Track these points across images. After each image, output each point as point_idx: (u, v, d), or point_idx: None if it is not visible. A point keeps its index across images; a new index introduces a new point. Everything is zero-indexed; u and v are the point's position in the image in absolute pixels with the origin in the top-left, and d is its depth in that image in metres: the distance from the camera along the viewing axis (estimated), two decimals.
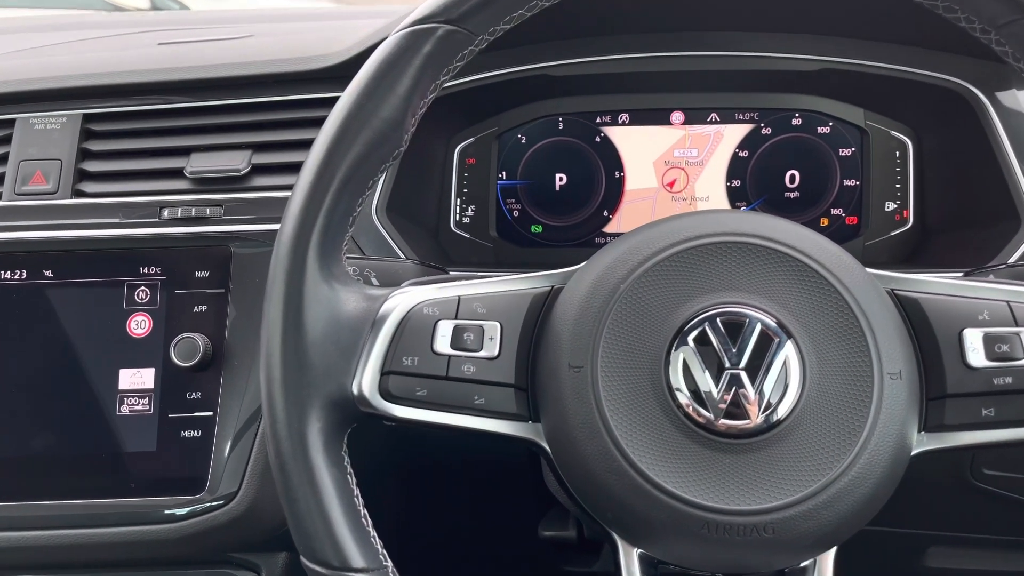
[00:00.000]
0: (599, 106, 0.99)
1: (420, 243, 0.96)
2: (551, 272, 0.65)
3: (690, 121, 1.00)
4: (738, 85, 0.97)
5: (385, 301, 0.62)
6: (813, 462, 0.56)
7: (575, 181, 1.01)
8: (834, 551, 0.60)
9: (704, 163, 1.00)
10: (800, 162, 0.99)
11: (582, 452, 0.58)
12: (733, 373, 0.57)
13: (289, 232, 0.60)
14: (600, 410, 0.58)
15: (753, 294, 0.59)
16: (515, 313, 0.63)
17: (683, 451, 0.57)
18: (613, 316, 0.59)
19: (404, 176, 0.93)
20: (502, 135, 1.01)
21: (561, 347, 0.60)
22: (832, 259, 0.59)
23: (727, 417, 0.56)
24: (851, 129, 0.98)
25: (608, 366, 0.58)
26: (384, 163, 0.62)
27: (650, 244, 0.61)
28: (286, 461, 0.59)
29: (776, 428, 0.56)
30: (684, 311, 0.59)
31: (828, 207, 0.99)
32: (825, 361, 0.57)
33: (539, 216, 1.02)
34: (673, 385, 0.57)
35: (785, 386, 0.57)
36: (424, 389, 0.61)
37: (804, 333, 0.58)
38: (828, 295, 0.58)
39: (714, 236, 0.60)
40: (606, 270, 0.61)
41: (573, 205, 1.02)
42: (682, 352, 0.58)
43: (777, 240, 0.60)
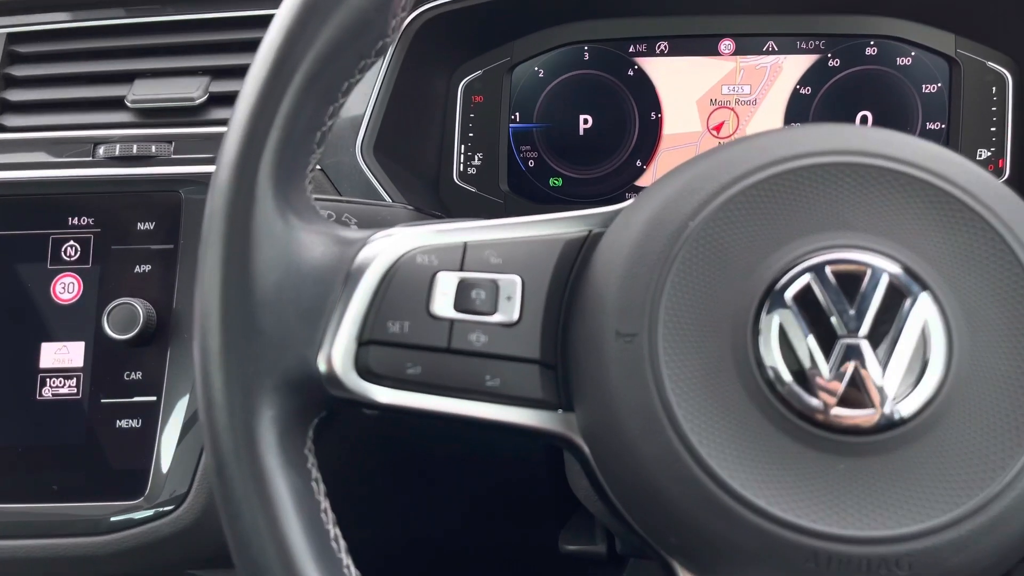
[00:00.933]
0: (632, 32, 0.83)
1: (416, 195, 0.79)
2: (588, 212, 0.49)
3: (742, 51, 0.83)
4: (801, 5, 0.81)
5: (364, 246, 0.46)
6: (965, 470, 0.40)
7: (603, 123, 0.85)
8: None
9: (758, 102, 0.83)
10: (874, 101, 0.82)
11: (636, 453, 0.42)
12: (851, 343, 0.41)
13: (233, 147, 0.44)
14: (662, 394, 0.42)
15: (876, 235, 0.42)
16: (541, 264, 0.47)
17: (779, 452, 0.41)
18: (679, 265, 0.43)
19: (396, 114, 0.77)
20: (515, 67, 0.85)
21: (605, 309, 0.44)
22: (984, 187, 0.43)
23: (842, 405, 0.41)
24: (938, 60, 0.81)
25: (673, 334, 0.42)
26: (364, 58, 0.46)
27: (729, 168, 0.44)
28: (226, 463, 0.42)
29: (912, 421, 0.41)
30: (779, 258, 0.42)
31: None
32: (979, 327, 0.41)
33: (559, 166, 0.86)
34: (765, 361, 0.41)
35: (924, 362, 0.41)
36: (417, 365, 0.45)
37: (948, 288, 0.42)
38: (980, 236, 0.42)
39: (819, 155, 0.44)
40: (667, 204, 0.45)
41: (600, 153, 0.85)
42: (777, 315, 0.42)
43: (907, 160, 0.43)
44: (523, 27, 0.83)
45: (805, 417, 0.41)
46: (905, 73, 0.82)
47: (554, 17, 0.82)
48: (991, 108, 0.81)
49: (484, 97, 0.85)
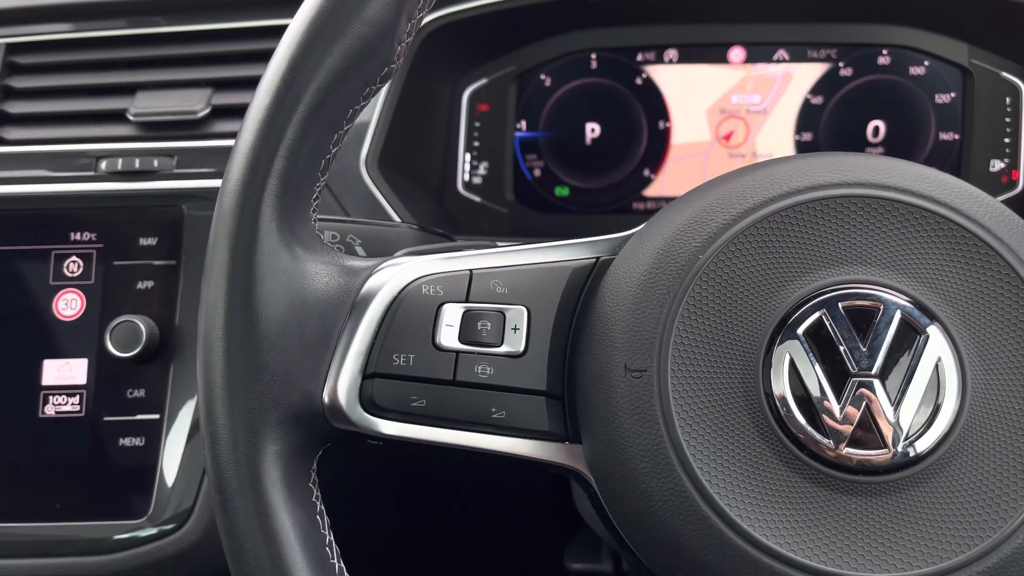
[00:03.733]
0: (641, 40, 0.82)
1: (420, 206, 0.79)
2: (596, 239, 0.48)
3: (752, 59, 0.82)
4: (812, 14, 0.80)
5: (370, 276, 0.46)
6: (980, 509, 0.39)
7: (610, 132, 0.84)
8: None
9: (768, 111, 0.82)
10: (887, 111, 0.81)
11: (644, 490, 0.42)
12: (862, 380, 0.40)
13: (236, 178, 0.43)
14: (670, 431, 0.41)
15: (888, 269, 0.42)
16: (548, 294, 0.46)
17: (789, 491, 0.40)
18: (690, 299, 0.42)
19: (401, 124, 0.76)
20: (521, 75, 0.84)
21: (614, 342, 0.43)
22: (999, 220, 0.42)
23: (854, 444, 0.40)
24: (951, 70, 0.80)
25: (682, 369, 0.42)
26: (369, 85, 0.45)
27: (741, 199, 0.43)
28: (230, 498, 0.42)
29: (925, 461, 0.40)
30: (790, 292, 0.42)
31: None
32: (993, 364, 0.40)
33: (565, 176, 0.85)
34: (775, 398, 0.41)
35: (937, 399, 0.40)
36: (422, 398, 0.44)
37: (962, 324, 0.41)
38: (994, 270, 0.41)
39: (831, 188, 0.43)
40: (678, 234, 0.44)
41: (607, 162, 0.84)
42: (788, 350, 0.41)
43: (920, 193, 0.42)
44: (529, 35, 0.82)
45: (815, 456, 0.40)
46: (918, 83, 0.81)
47: (561, 25, 0.81)
48: (1005, 119, 0.80)
49: (490, 106, 0.84)
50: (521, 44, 0.82)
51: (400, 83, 0.73)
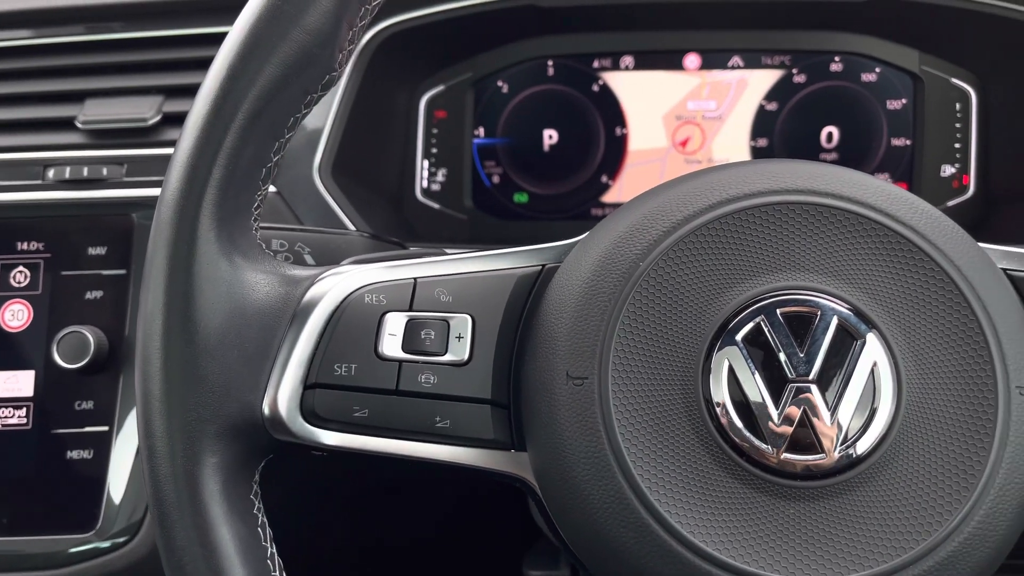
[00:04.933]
0: (597, 46, 0.82)
1: (377, 214, 0.78)
2: (542, 247, 0.48)
3: (707, 66, 0.82)
4: (766, 21, 0.80)
5: (312, 286, 0.45)
6: (916, 512, 0.40)
7: (568, 139, 0.84)
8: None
9: (724, 118, 0.83)
10: (840, 117, 0.82)
11: (585, 498, 0.42)
12: (800, 386, 0.40)
13: (174, 187, 0.42)
14: (611, 439, 0.41)
15: (827, 276, 0.42)
16: (492, 302, 0.46)
17: (729, 498, 0.40)
18: (630, 307, 0.42)
19: (356, 131, 0.75)
20: (479, 82, 0.83)
21: (556, 350, 0.43)
22: (935, 226, 0.43)
23: (792, 450, 0.40)
24: (902, 76, 0.81)
25: (623, 377, 0.42)
26: (310, 93, 0.45)
27: (680, 206, 0.44)
28: (167, 512, 0.42)
29: (862, 464, 0.40)
30: (730, 299, 0.42)
31: (872, 171, 0.83)
32: (929, 370, 0.41)
33: (524, 182, 0.85)
34: (714, 405, 0.41)
35: (874, 404, 0.40)
36: (365, 408, 0.44)
37: (898, 330, 0.41)
38: (931, 277, 0.42)
39: (771, 195, 0.43)
40: (619, 242, 0.44)
41: (565, 169, 0.84)
42: (727, 356, 0.41)
43: (859, 200, 0.43)
44: (486, 42, 0.82)
45: (754, 461, 0.40)
46: (870, 89, 0.82)
47: (517, 32, 0.81)
48: (955, 124, 0.81)
49: (447, 112, 0.84)
50: (478, 51, 0.82)
51: (354, 90, 0.73)
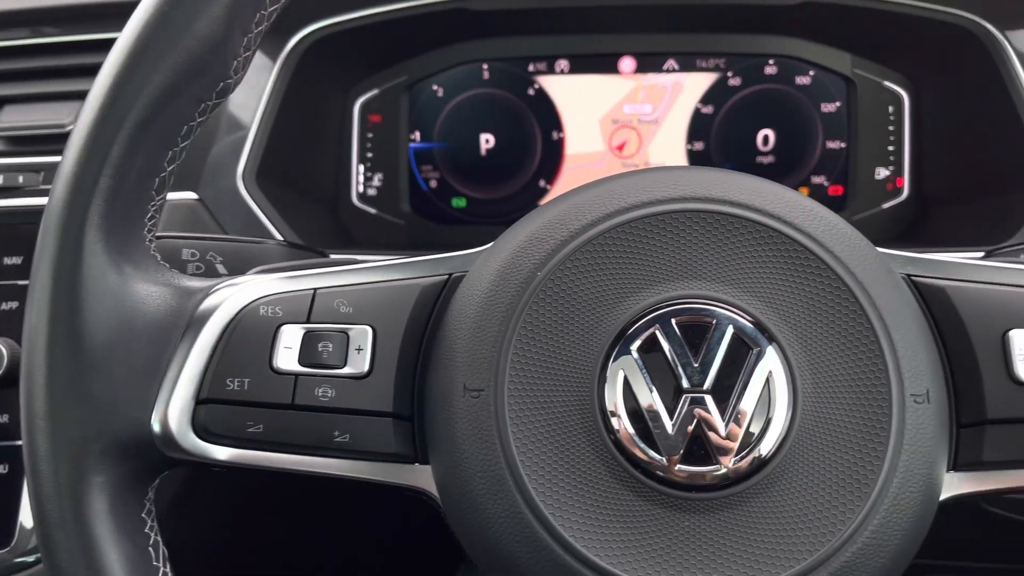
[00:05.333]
0: (531, 50, 0.81)
1: (310, 220, 0.77)
2: (448, 255, 0.47)
3: (643, 69, 0.82)
4: (700, 24, 0.80)
5: (206, 297, 0.44)
6: (810, 523, 0.40)
7: (505, 143, 0.83)
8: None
9: (660, 121, 0.83)
10: (775, 120, 0.82)
11: (481, 511, 0.41)
12: (695, 397, 0.40)
13: (59, 198, 0.41)
14: (507, 452, 0.40)
15: (724, 284, 0.42)
16: (395, 313, 0.45)
17: (624, 510, 0.40)
18: (526, 318, 0.42)
19: (285, 136, 0.74)
20: (413, 86, 0.83)
21: (455, 362, 0.42)
22: (833, 234, 0.42)
23: (687, 461, 0.40)
24: (836, 79, 0.81)
25: (519, 389, 0.41)
26: (204, 101, 0.44)
27: (578, 215, 0.43)
28: (51, 533, 0.40)
29: (756, 475, 0.40)
30: (627, 308, 0.41)
31: (808, 174, 0.83)
32: (824, 378, 0.41)
33: (461, 187, 0.84)
34: (609, 416, 0.40)
35: (768, 414, 0.40)
36: (259, 423, 0.43)
37: (795, 339, 0.41)
38: (827, 285, 0.41)
39: (668, 203, 0.43)
40: (517, 252, 0.43)
41: (503, 173, 0.84)
42: (622, 366, 0.40)
43: (756, 208, 0.42)
44: (419, 45, 0.81)
45: (649, 473, 0.40)
46: (805, 92, 0.82)
47: (450, 35, 0.80)
48: (888, 127, 0.81)
49: (382, 116, 0.83)
50: (411, 54, 0.81)
51: (280, 94, 0.72)
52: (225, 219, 0.68)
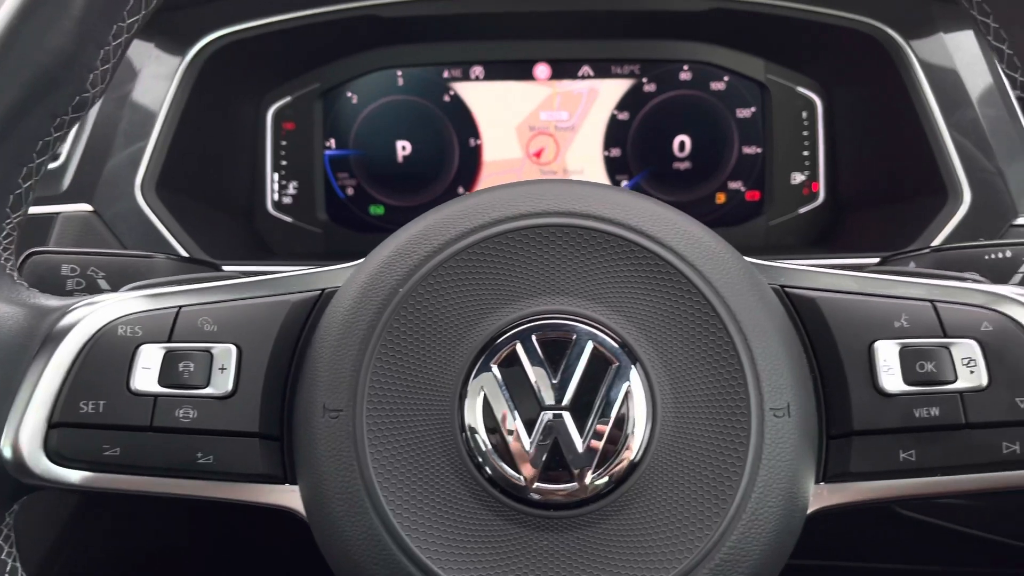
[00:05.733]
0: (446, 57, 0.81)
1: (223, 231, 0.76)
2: (321, 270, 0.46)
3: (558, 75, 0.82)
4: (614, 30, 0.80)
5: (62, 317, 0.43)
6: (670, 539, 0.39)
7: (422, 150, 0.83)
8: None
9: (576, 128, 0.82)
10: (691, 125, 0.82)
11: (341, 533, 0.40)
12: (553, 413, 0.39)
13: None
14: (364, 474, 0.40)
15: (585, 299, 0.41)
16: (262, 331, 0.44)
17: (483, 530, 0.39)
18: (387, 335, 0.41)
19: (191, 145, 0.73)
20: (327, 93, 0.82)
21: (316, 382, 0.42)
22: (695, 246, 0.42)
23: (545, 480, 0.39)
24: (750, 85, 0.81)
25: (378, 408, 0.40)
26: (59, 116, 0.43)
27: (441, 230, 0.42)
28: None
29: (614, 493, 0.39)
30: (488, 325, 0.41)
31: (725, 180, 0.83)
32: (684, 394, 0.40)
33: (379, 194, 0.83)
34: (468, 434, 0.40)
35: (627, 431, 0.39)
36: (116, 446, 0.42)
37: (655, 354, 0.40)
38: (688, 299, 0.41)
39: (530, 217, 0.42)
40: (380, 269, 0.43)
41: (421, 180, 0.83)
42: (482, 383, 0.40)
43: (618, 222, 0.42)
44: (332, 52, 0.80)
45: (507, 492, 0.39)
46: (719, 98, 0.82)
47: (363, 42, 0.80)
48: (803, 132, 0.82)
49: (296, 124, 0.82)
50: (324, 61, 0.80)
51: (182, 103, 0.71)
52: (122, 232, 0.67)
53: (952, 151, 0.69)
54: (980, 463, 0.41)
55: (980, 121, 0.68)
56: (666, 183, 0.83)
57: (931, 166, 0.70)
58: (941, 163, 0.69)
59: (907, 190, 0.74)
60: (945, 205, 0.69)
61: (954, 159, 0.69)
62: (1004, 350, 0.41)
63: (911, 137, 0.72)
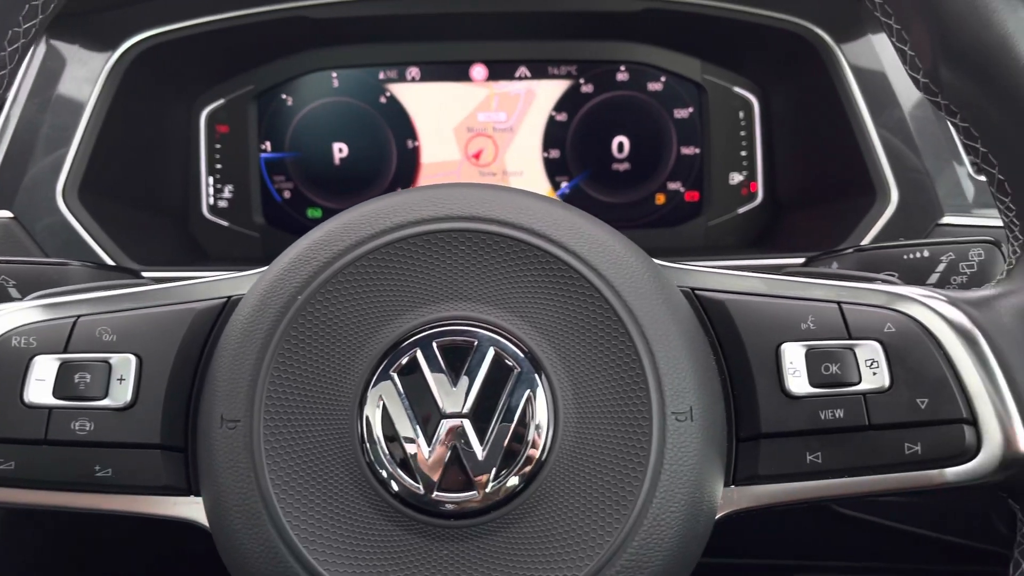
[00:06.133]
0: (381, 58, 0.80)
1: (155, 236, 0.75)
2: (228, 276, 0.45)
3: (495, 76, 0.81)
4: (551, 31, 0.80)
5: None
6: (570, 546, 0.39)
7: (359, 152, 0.82)
8: None
9: (515, 129, 0.82)
10: (629, 126, 0.82)
11: (238, 547, 0.40)
12: (453, 423, 0.39)
13: None
14: (261, 487, 0.39)
15: (487, 305, 0.41)
16: (165, 340, 0.43)
17: (383, 542, 0.39)
18: (285, 344, 0.40)
19: (119, 147, 0.72)
20: (261, 95, 0.81)
21: (215, 392, 0.41)
22: (598, 250, 0.42)
23: (444, 488, 0.39)
24: (687, 85, 0.82)
25: (275, 419, 0.40)
26: None
27: (342, 236, 0.42)
28: None
29: (515, 500, 0.39)
30: (388, 332, 0.40)
31: (664, 181, 0.83)
32: (586, 400, 0.40)
33: (316, 197, 0.82)
34: (367, 443, 0.39)
35: (528, 438, 0.39)
36: (10, 460, 0.41)
37: (557, 359, 0.40)
38: (590, 303, 0.41)
39: (432, 222, 0.42)
40: (280, 275, 0.42)
41: (359, 182, 0.82)
42: (381, 391, 0.39)
43: (521, 226, 0.42)
44: (265, 54, 0.79)
45: (407, 502, 0.39)
46: (657, 98, 0.82)
47: (296, 44, 0.79)
48: (740, 132, 0.82)
49: (230, 127, 0.80)
50: (257, 63, 0.79)
51: (106, 106, 0.69)
52: (44, 239, 0.65)
53: (880, 151, 0.69)
54: (883, 464, 0.42)
55: (907, 121, 0.69)
56: (606, 184, 0.82)
57: (861, 166, 0.70)
58: (870, 163, 0.70)
59: (840, 190, 0.74)
60: (874, 205, 0.69)
61: (882, 159, 0.69)
62: (905, 351, 0.41)
63: (842, 137, 0.72)
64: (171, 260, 0.75)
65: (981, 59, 0.40)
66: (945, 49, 0.40)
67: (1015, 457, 0.40)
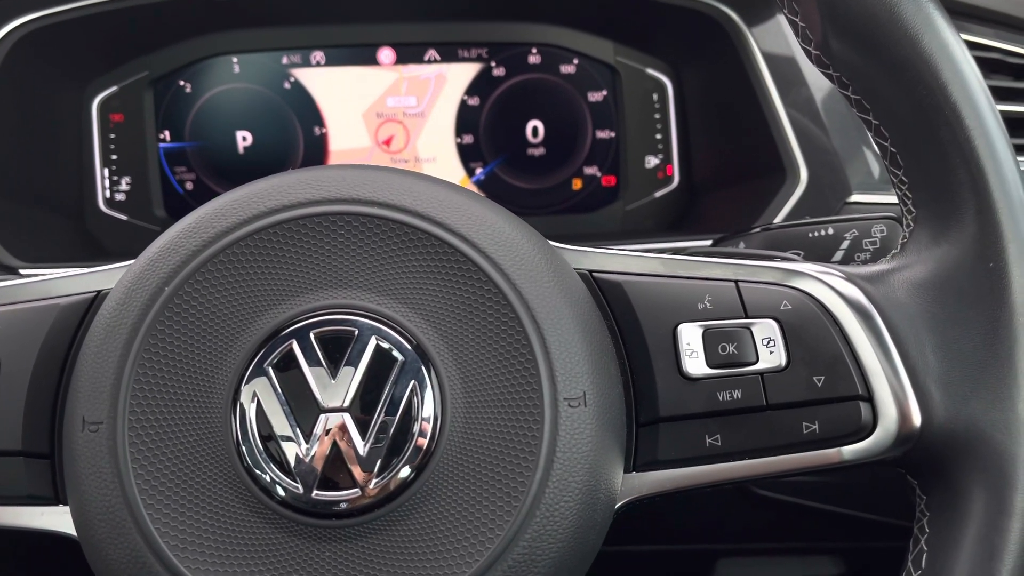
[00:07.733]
0: (284, 42, 0.77)
1: (46, 232, 0.71)
2: (95, 270, 0.43)
3: (403, 60, 0.79)
4: (460, 12, 0.78)
5: None
6: (460, 542, 0.37)
7: (264, 140, 0.79)
8: None
9: (426, 114, 0.80)
10: (543, 110, 0.80)
11: (104, 558, 0.37)
12: (333, 416, 0.37)
13: None
14: (127, 493, 0.36)
15: (369, 292, 0.39)
16: (26, 339, 0.40)
17: (262, 546, 0.37)
18: (150, 340, 0.38)
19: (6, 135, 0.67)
20: (157, 81, 0.77)
21: (77, 393, 0.38)
22: (486, 232, 0.40)
23: (324, 487, 0.37)
24: (600, 67, 0.80)
25: (141, 420, 0.37)
26: None
27: (210, 224, 0.39)
28: None
29: (402, 496, 0.37)
30: (262, 324, 0.38)
31: (581, 165, 0.82)
32: (476, 388, 0.38)
33: (221, 187, 0.79)
34: (241, 443, 0.37)
35: (414, 431, 0.37)
36: None
37: (445, 347, 0.38)
38: (478, 288, 0.39)
39: (309, 206, 0.39)
40: (146, 267, 0.39)
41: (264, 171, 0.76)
42: (256, 387, 0.37)
43: (404, 208, 0.40)
44: (160, 38, 0.75)
45: (285, 503, 0.37)
46: (570, 81, 0.81)
47: (193, 27, 0.75)
48: (655, 115, 0.81)
49: (124, 115, 0.76)
50: (152, 48, 0.75)
51: None
52: None
53: (789, 131, 0.69)
54: (782, 444, 0.41)
55: (815, 101, 0.69)
56: (522, 170, 0.81)
57: (771, 146, 0.70)
58: (780, 143, 0.69)
59: (752, 170, 0.74)
60: (784, 185, 0.69)
61: (791, 139, 0.69)
62: (801, 329, 0.41)
63: (753, 118, 0.72)
64: (68, 257, 0.71)
65: (868, 29, 0.39)
66: (833, 20, 0.40)
67: (910, 433, 0.39)
